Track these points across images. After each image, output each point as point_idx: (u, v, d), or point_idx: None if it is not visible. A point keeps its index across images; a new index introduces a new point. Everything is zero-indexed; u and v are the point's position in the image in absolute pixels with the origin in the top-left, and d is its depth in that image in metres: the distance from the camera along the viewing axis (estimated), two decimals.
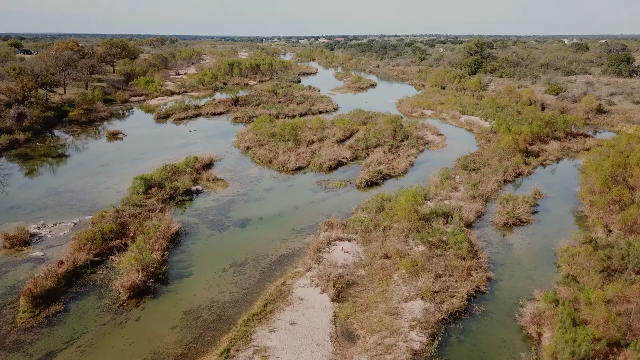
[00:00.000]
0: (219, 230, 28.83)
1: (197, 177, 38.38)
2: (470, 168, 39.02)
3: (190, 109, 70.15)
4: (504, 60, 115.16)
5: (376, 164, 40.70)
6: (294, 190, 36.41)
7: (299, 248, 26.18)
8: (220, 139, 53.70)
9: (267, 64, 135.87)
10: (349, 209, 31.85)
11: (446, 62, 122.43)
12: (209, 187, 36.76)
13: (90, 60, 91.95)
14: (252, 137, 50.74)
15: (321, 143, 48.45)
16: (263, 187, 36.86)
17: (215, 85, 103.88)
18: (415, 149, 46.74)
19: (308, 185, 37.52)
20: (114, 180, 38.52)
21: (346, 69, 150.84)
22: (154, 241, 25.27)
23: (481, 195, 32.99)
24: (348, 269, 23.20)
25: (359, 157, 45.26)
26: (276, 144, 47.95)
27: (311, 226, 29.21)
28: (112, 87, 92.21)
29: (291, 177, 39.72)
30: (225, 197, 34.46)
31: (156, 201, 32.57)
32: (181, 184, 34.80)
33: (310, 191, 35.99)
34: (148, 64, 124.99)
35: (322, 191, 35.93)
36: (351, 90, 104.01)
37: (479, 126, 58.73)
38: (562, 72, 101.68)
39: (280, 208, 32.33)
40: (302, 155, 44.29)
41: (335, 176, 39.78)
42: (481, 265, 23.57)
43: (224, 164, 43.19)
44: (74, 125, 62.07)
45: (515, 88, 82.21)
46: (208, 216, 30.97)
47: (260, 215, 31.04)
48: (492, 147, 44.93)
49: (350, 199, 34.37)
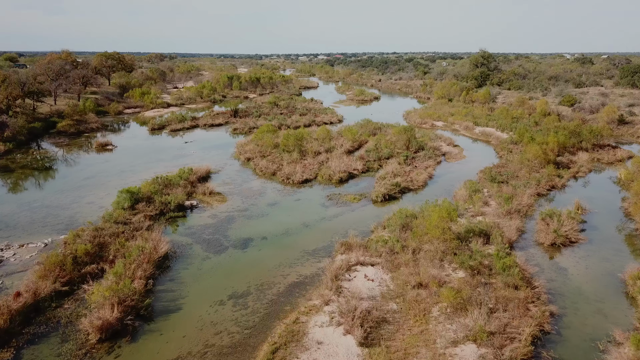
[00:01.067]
0: (216, 252, 24.37)
1: (191, 190, 34.05)
2: (499, 180, 34.83)
3: (187, 121, 66.17)
4: (510, 73, 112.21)
5: (392, 176, 36.48)
6: (301, 205, 32.06)
7: (312, 275, 21.71)
8: (218, 151, 49.54)
9: (267, 77, 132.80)
10: (366, 227, 27.48)
11: (451, 75, 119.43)
12: (205, 201, 32.41)
13: (83, 70, 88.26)
14: (253, 148, 46.59)
15: (329, 154, 44.29)
16: (266, 202, 32.51)
17: (214, 97, 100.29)
18: (432, 160, 42.60)
19: (317, 199, 33.19)
20: (98, 194, 34.16)
21: (347, 84, 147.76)
22: (136, 266, 20.78)
23: (518, 211, 28.68)
24: (375, 302, 18.72)
25: (371, 168, 41.06)
26: (279, 155, 43.79)
27: (325, 247, 24.78)
28: (105, 99, 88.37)
29: (297, 190, 35.42)
30: (223, 213, 30.08)
31: (143, 218, 28.16)
32: (173, 198, 30.43)
33: (320, 206, 31.64)
34: (145, 77, 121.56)
35: (334, 206, 31.59)
36: (354, 103, 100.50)
37: (496, 137, 54.87)
38: (572, 85, 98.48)
39: (287, 226, 27.93)
40: (308, 167, 40.09)
41: (346, 189, 35.50)
42: (539, 297, 19.12)
43: (222, 177, 38.90)
44: (62, 137, 57.87)
45: (527, 99, 78.69)
46: (203, 235, 26.54)
47: (264, 234, 26.61)
48: (518, 159, 40.84)
49: (366, 215, 30.01)
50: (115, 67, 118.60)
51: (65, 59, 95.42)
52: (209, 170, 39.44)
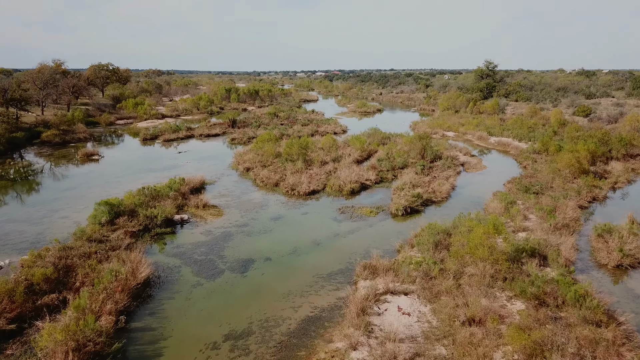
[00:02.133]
0: (209, 276, 19.90)
1: (182, 203, 29.66)
2: (534, 191, 30.64)
3: (181, 131, 62.03)
4: (516, 85, 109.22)
5: (410, 186, 32.22)
6: (310, 219, 27.67)
7: (330, 307, 17.24)
8: (214, 161, 45.29)
9: (266, 90, 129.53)
10: (389, 245, 23.10)
11: (454, 88, 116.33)
12: (197, 215, 28.00)
13: (73, 79, 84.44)
14: (252, 157, 42.36)
15: (336, 164, 40.10)
16: (269, 216, 28.11)
17: (211, 109, 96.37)
18: (451, 170, 38.42)
19: (327, 212, 28.83)
20: (75, 207, 29.73)
21: (348, 97, 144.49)
22: (106, 297, 16.30)
23: (565, 226, 24.39)
24: (417, 344, 14.26)
25: (385, 179, 36.84)
26: (282, 164, 39.56)
27: (343, 271, 20.35)
28: (97, 110, 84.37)
29: (304, 202, 31.07)
30: (219, 229, 25.66)
31: (124, 234, 23.73)
32: (160, 211, 26.01)
33: (332, 220, 27.25)
34: (140, 89, 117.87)
35: (348, 220, 27.21)
36: (357, 115, 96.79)
37: (514, 147, 50.95)
38: (583, 96, 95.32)
39: (295, 244, 23.51)
40: (315, 177, 35.83)
41: (360, 201, 31.18)
42: (629, 337, 14.72)
43: (218, 188, 34.57)
44: (46, 147, 53.59)
45: (539, 110, 75.20)
46: (194, 255, 22.08)
47: (267, 254, 22.18)
48: (548, 168, 36.76)
49: (387, 230, 25.65)
50: (109, 79, 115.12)
51: (56, 69, 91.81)
52: (204, 180, 35.10)
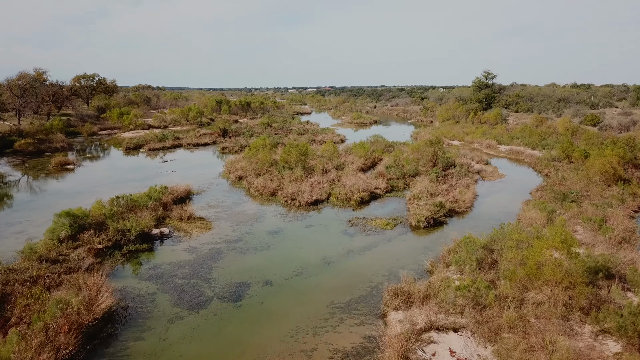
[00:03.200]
0: (192, 307, 15.37)
1: (164, 214, 25.13)
2: (571, 199, 26.64)
3: (168, 140, 57.57)
4: (515, 96, 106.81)
5: (427, 195, 28.05)
6: (315, 232, 23.28)
7: (356, 350, 12.76)
8: (203, 170, 40.88)
9: (258, 102, 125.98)
10: (416, 263, 18.78)
11: (452, 99, 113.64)
12: (181, 229, 23.47)
13: (54, 87, 79.86)
14: (245, 165, 38.04)
15: (339, 171, 35.91)
16: (266, 229, 23.66)
17: (201, 120, 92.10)
18: (468, 178, 34.40)
19: (335, 224, 24.46)
20: (36, 220, 25.05)
21: (342, 110, 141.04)
22: (43, 341, 11.70)
23: (626, 239, 20.30)
24: None
25: (396, 187, 32.67)
26: (279, 172, 35.27)
27: (364, 298, 15.93)
28: (80, 121, 79.61)
29: (306, 214, 26.68)
30: (206, 245, 21.17)
31: (87, 252, 19.13)
32: (134, 224, 21.44)
33: (342, 234, 22.87)
34: (127, 101, 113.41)
35: (361, 234, 22.86)
36: (353, 126, 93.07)
37: (529, 155, 47.34)
38: (587, 106, 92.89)
39: (300, 263, 19.07)
40: (316, 186, 31.55)
41: (370, 212, 26.87)
42: None
43: (206, 198, 30.10)
44: (18, 157, 48.76)
45: (545, 119, 72.19)
46: (175, 279, 17.54)
47: (266, 277, 17.69)
48: (579, 175, 32.96)
49: (409, 245, 21.35)
50: (95, 90, 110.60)
51: (38, 78, 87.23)
52: (190, 190, 30.61)
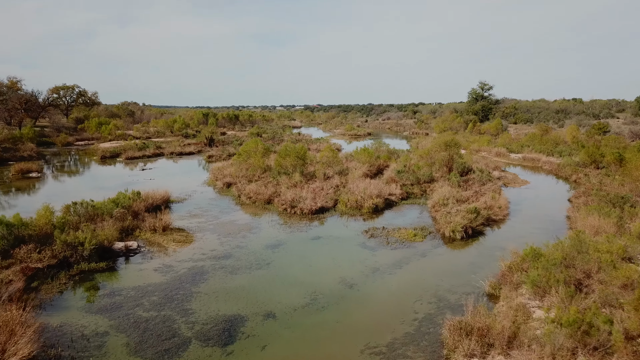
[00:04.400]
0: (159, 356, 10.31)
1: (133, 224, 20.04)
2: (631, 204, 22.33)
3: (148, 148, 52.45)
4: (511, 107, 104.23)
5: (454, 201, 23.46)
6: (326, 246, 18.38)
7: None
8: (186, 177, 35.89)
9: (246, 115, 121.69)
10: (467, 284, 14.01)
11: (447, 112, 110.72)
12: (154, 242, 18.40)
13: (27, 95, 74.36)
14: (235, 171, 33.22)
15: (344, 177, 31.23)
16: (263, 242, 18.71)
17: (186, 132, 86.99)
18: (492, 184, 30.00)
19: (349, 236, 19.62)
20: None
21: (333, 123, 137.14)
22: None
23: None
24: None
25: (413, 194, 28.07)
26: (274, 178, 30.46)
27: (412, 336, 11.01)
28: (55, 131, 74.06)
29: (310, 224, 21.80)
30: (184, 263, 16.13)
31: (18, 273, 13.98)
32: (88, 236, 16.32)
33: (361, 248, 18.01)
34: (109, 113, 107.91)
35: (384, 247, 18.03)
36: (346, 138, 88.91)
37: (546, 162, 43.54)
38: (588, 116, 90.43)
39: (312, 286, 14.13)
40: (319, 192, 26.74)
41: (388, 221, 22.11)
42: None
43: (187, 207, 25.08)
44: None
45: (550, 128, 69.04)
46: (138, 311, 12.47)
47: (267, 307, 12.71)
48: (619, 179, 28.84)
49: (450, 261, 16.59)
50: (75, 102, 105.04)
51: (11, 87, 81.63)
52: (168, 197, 25.56)
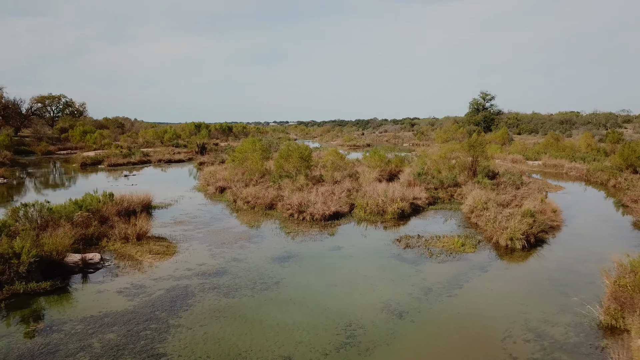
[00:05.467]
0: None
1: (99, 231, 15.63)
2: None
3: (134, 155, 48.05)
4: (513, 118, 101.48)
5: (496, 206, 19.34)
6: (350, 259, 14.04)
7: None
8: (174, 183, 31.57)
9: (240, 126, 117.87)
10: (564, 310, 9.78)
11: (449, 122, 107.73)
12: (125, 254, 13.98)
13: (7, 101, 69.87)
14: (229, 175, 28.97)
15: (355, 182, 27.05)
16: (267, 254, 14.36)
17: (177, 142, 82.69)
18: (527, 188, 26.00)
19: (377, 246, 15.32)
20: None
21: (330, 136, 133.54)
22: None
23: None
24: None
25: (440, 198, 23.96)
26: (274, 182, 26.20)
27: None
28: (37, 140, 69.44)
29: (323, 232, 17.47)
30: (162, 282, 11.74)
31: None
32: (26, 245, 11.86)
33: (398, 261, 13.69)
34: (97, 124, 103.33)
35: (428, 260, 13.74)
36: (345, 148, 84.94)
37: (571, 167, 39.90)
38: (595, 126, 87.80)
39: (345, 317, 9.78)
40: (328, 196, 22.46)
41: (419, 228, 17.86)
42: None
43: (172, 213, 20.71)
44: None
45: (561, 137, 65.83)
46: (83, 357, 8.04)
47: (283, 352, 8.34)
48: None
49: (523, 277, 12.37)
50: (62, 112, 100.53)
51: None
52: (149, 201, 21.19)
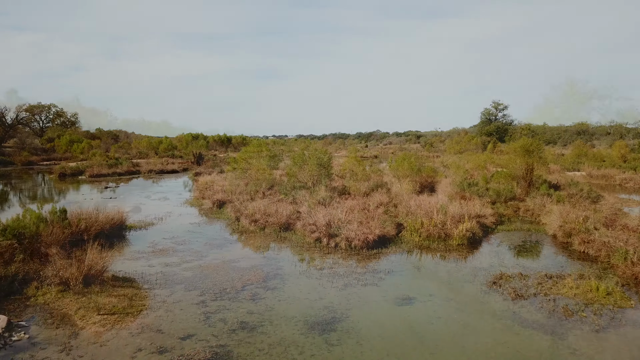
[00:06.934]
0: None
1: (27, 270, 10.01)
2: None
3: (121, 165, 42.55)
4: (526, 129, 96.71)
5: (601, 227, 13.88)
6: (442, 324, 8.53)
7: None
8: (163, 196, 26.05)
9: (240, 138, 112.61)
10: None
11: (461, 133, 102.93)
12: (56, 314, 8.36)
13: None
14: (230, 186, 23.53)
15: (387, 194, 21.62)
16: (297, 315, 8.73)
17: (173, 153, 77.31)
18: (604, 201, 20.61)
19: (467, 296, 9.81)
20: None
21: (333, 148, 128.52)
22: None
23: None
24: None
25: (504, 216, 18.50)
26: (286, 195, 20.72)
27: None
28: (19, 150, 63.95)
29: (373, 270, 11.92)
30: None
31: None
32: None
33: (519, 326, 8.17)
34: (88, 136, 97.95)
35: (570, 323, 8.20)
36: (351, 160, 79.99)
37: (626, 178, 35.04)
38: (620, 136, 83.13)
39: None
40: (361, 213, 16.93)
41: (505, 261, 12.36)
42: None
43: (154, 235, 15.15)
44: None
45: (589, 146, 60.98)
46: None
47: None
48: None
49: None
50: (52, 122, 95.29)
51: None
52: (123, 220, 15.60)
